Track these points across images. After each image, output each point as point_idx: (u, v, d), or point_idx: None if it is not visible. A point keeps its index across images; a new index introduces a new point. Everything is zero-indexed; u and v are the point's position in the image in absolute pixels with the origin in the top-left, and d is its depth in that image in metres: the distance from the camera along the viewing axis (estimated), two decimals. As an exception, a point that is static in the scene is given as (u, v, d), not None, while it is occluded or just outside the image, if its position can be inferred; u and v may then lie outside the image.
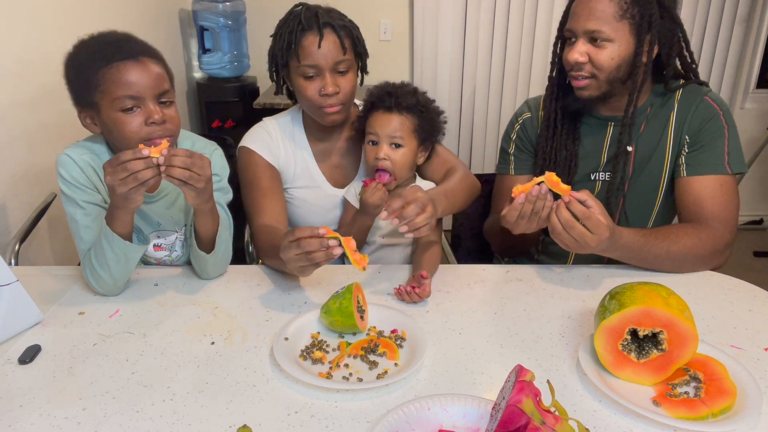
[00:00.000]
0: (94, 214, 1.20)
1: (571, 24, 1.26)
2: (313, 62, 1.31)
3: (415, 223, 1.14)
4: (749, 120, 3.45)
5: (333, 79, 1.32)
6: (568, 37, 1.28)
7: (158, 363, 0.99)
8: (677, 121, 1.33)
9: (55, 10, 1.95)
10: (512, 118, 1.53)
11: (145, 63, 1.12)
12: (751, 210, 3.64)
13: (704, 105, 1.31)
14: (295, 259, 1.08)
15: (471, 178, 1.47)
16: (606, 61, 1.24)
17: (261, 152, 1.44)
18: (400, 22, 3.31)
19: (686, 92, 1.34)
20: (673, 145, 1.33)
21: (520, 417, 0.70)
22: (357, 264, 1.07)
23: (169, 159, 1.04)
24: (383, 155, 1.35)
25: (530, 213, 1.13)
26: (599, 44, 1.23)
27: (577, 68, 1.26)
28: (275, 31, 1.37)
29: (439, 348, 1.02)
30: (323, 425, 0.84)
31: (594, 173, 1.41)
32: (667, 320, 0.88)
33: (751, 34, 3.23)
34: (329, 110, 1.35)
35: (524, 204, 1.13)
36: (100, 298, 1.20)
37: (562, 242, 1.13)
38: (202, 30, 3.04)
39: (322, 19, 1.30)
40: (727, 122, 1.30)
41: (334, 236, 1.06)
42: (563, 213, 1.10)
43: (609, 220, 1.12)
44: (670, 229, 1.26)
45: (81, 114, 1.18)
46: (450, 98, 3.36)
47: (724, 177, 1.28)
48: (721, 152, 1.29)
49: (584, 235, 1.10)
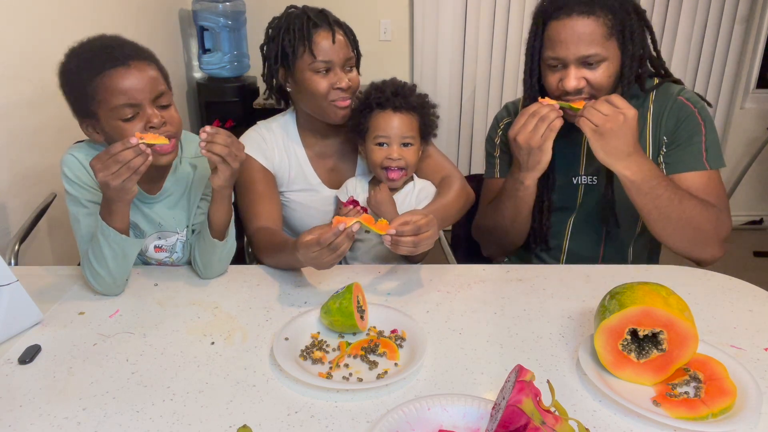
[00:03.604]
0: (97, 213, 1.20)
1: (559, 52, 1.23)
2: (328, 57, 1.33)
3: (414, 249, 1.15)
4: (749, 120, 3.45)
5: (345, 74, 1.37)
6: (553, 64, 1.26)
7: (158, 363, 0.99)
8: (654, 121, 1.33)
9: (55, 10, 1.95)
10: (493, 122, 1.53)
11: (137, 67, 1.11)
12: (751, 210, 3.64)
13: (678, 104, 1.31)
14: (328, 262, 1.11)
15: (466, 190, 1.46)
16: (604, 80, 1.24)
17: (256, 156, 1.44)
18: (400, 22, 3.31)
19: (660, 92, 1.34)
20: (652, 145, 1.34)
21: (520, 417, 0.70)
22: (382, 231, 1.12)
23: (212, 136, 1.10)
24: (397, 155, 1.36)
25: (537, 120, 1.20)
26: (594, 66, 1.23)
27: (576, 93, 1.25)
28: (271, 33, 1.38)
29: (439, 348, 1.02)
30: (323, 425, 0.84)
31: (575, 177, 1.41)
32: (667, 320, 0.88)
33: (751, 34, 3.23)
34: (341, 104, 1.38)
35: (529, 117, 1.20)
36: (100, 298, 1.20)
37: (590, 125, 1.18)
38: (202, 30, 3.04)
39: (330, 17, 1.35)
40: (703, 119, 1.30)
41: (352, 222, 1.10)
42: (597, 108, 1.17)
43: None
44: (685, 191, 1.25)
45: (82, 124, 1.17)
46: (450, 98, 3.36)
47: (708, 172, 1.29)
48: (698, 149, 1.29)
49: (617, 113, 1.15)
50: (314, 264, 1.13)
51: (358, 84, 1.41)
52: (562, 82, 1.24)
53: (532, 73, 1.32)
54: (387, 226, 1.12)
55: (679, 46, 3.22)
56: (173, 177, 1.30)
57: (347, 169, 1.51)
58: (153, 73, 1.13)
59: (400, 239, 1.12)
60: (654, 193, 1.21)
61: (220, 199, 1.20)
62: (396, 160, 1.36)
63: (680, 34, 3.20)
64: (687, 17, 3.16)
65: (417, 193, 1.44)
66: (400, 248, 1.14)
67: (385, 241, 1.14)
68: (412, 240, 1.13)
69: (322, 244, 1.08)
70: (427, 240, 1.15)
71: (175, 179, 1.30)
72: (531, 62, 1.32)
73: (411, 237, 1.13)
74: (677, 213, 1.22)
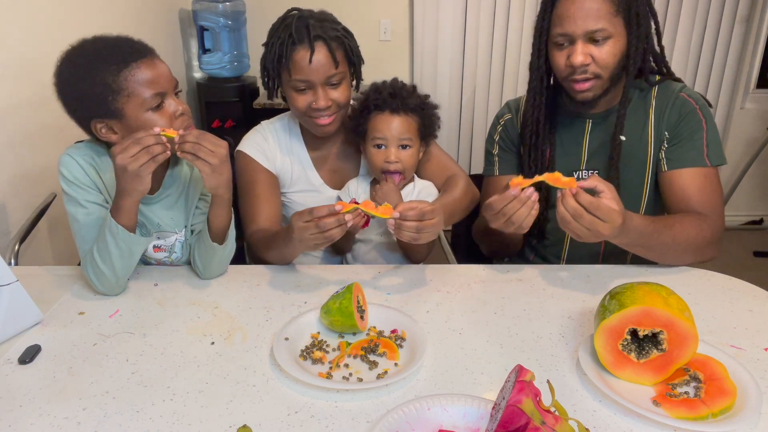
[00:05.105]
0: (96, 213, 1.20)
1: (566, 28, 1.24)
2: (304, 77, 1.30)
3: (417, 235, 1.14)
4: (749, 120, 3.45)
5: (325, 93, 1.32)
6: (560, 42, 1.27)
7: (158, 363, 0.99)
8: (656, 117, 1.34)
9: (55, 10, 1.95)
10: (494, 120, 1.54)
11: (156, 58, 1.15)
12: (751, 210, 3.64)
13: (681, 100, 1.32)
14: (310, 238, 1.12)
15: (471, 189, 1.47)
16: (609, 57, 1.25)
17: (257, 157, 1.44)
18: (400, 22, 3.31)
19: (662, 88, 1.35)
20: (654, 140, 1.34)
21: (520, 417, 0.70)
22: (385, 214, 1.12)
23: (182, 137, 1.11)
24: (394, 158, 1.36)
25: (513, 212, 1.12)
26: (600, 43, 1.24)
27: (582, 71, 1.26)
28: (267, 39, 1.35)
29: (439, 348, 1.02)
30: (323, 425, 0.84)
31: (576, 172, 1.42)
32: (667, 320, 0.88)
33: (751, 34, 3.23)
34: (321, 122, 1.36)
35: (513, 201, 1.11)
36: (100, 298, 1.20)
37: (572, 232, 1.10)
38: (202, 30, 3.04)
39: (313, 31, 1.28)
40: (704, 116, 1.32)
41: (351, 208, 1.10)
42: (570, 202, 1.07)
43: (620, 205, 1.08)
44: (675, 218, 1.26)
45: (96, 125, 1.15)
46: (450, 98, 3.36)
47: (706, 169, 1.30)
48: (700, 145, 1.30)
49: (595, 223, 1.06)
50: (301, 237, 1.14)
51: (345, 100, 1.36)
52: (570, 58, 1.25)
53: (540, 54, 1.33)
54: (391, 210, 1.12)
55: (679, 46, 3.22)
56: (171, 177, 1.30)
57: (350, 169, 1.51)
58: (166, 64, 1.17)
59: (404, 223, 1.13)
60: (647, 245, 1.21)
61: (219, 203, 1.20)
62: (393, 163, 1.36)
63: (680, 34, 3.20)
64: (687, 17, 3.16)
65: (417, 193, 1.44)
66: (403, 233, 1.14)
67: (389, 225, 1.14)
68: (416, 225, 1.13)
69: (314, 215, 1.11)
70: (431, 228, 1.14)
71: (173, 180, 1.30)
72: (539, 43, 1.33)
73: (415, 222, 1.13)
74: (673, 248, 1.24)
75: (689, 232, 1.23)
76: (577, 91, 1.29)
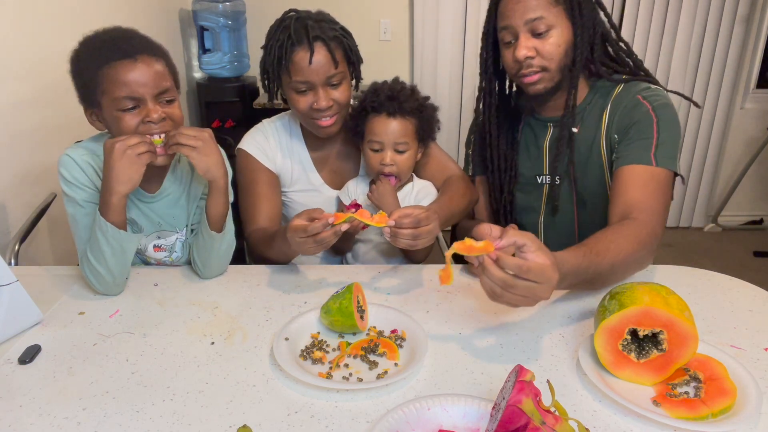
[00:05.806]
0: (94, 214, 1.20)
1: (508, 21, 1.26)
2: (305, 78, 1.30)
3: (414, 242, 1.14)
4: (749, 120, 3.45)
5: (325, 93, 1.32)
6: (507, 39, 1.28)
7: (158, 363, 0.99)
8: (608, 120, 1.33)
9: (57, 11, 1.95)
10: (472, 121, 1.54)
11: (144, 61, 1.13)
12: (751, 210, 3.64)
13: (633, 103, 1.29)
14: (302, 242, 1.13)
15: (470, 189, 1.47)
16: (554, 48, 1.25)
17: (258, 156, 1.44)
18: (400, 22, 3.31)
19: (625, 89, 1.33)
20: (605, 141, 1.32)
21: (520, 417, 0.70)
22: (381, 223, 1.12)
23: (167, 137, 1.15)
24: (389, 161, 1.35)
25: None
26: (543, 35, 1.24)
27: (527, 65, 1.26)
28: (265, 42, 1.35)
29: (439, 348, 1.02)
30: (323, 425, 0.84)
31: (540, 176, 1.42)
32: (667, 320, 0.88)
33: (751, 34, 3.23)
34: (322, 123, 1.36)
35: None
36: (100, 298, 1.20)
37: (509, 303, 0.92)
38: (202, 30, 3.04)
39: (312, 32, 1.28)
40: (657, 116, 1.26)
41: (345, 218, 1.11)
42: (495, 273, 0.89)
43: (550, 256, 0.91)
44: (608, 239, 1.09)
45: (87, 111, 1.20)
46: (450, 98, 3.36)
47: (653, 169, 1.22)
48: (648, 144, 1.24)
49: (531, 288, 0.89)
50: (298, 248, 1.16)
51: (345, 99, 1.36)
52: (515, 53, 1.26)
53: (488, 55, 1.36)
54: (386, 219, 1.12)
55: (679, 46, 3.23)
56: (172, 176, 1.30)
57: (350, 169, 1.51)
58: (159, 68, 1.15)
59: (399, 231, 1.12)
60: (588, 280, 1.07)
61: (215, 189, 1.21)
62: (388, 166, 1.36)
63: (680, 34, 3.20)
64: (687, 17, 3.17)
65: (416, 193, 1.44)
66: (399, 241, 1.14)
67: (385, 233, 1.14)
68: (412, 233, 1.13)
69: (309, 233, 1.11)
70: (427, 234, 1.14)
71: (174, 178, 1.31)
72: (486, 44, 1.35)
73: (410, 230, 1.13)
74: (613, 275, 1.12)
75: (626, 249, 1.09)
76: (526, 85, 1.30)
